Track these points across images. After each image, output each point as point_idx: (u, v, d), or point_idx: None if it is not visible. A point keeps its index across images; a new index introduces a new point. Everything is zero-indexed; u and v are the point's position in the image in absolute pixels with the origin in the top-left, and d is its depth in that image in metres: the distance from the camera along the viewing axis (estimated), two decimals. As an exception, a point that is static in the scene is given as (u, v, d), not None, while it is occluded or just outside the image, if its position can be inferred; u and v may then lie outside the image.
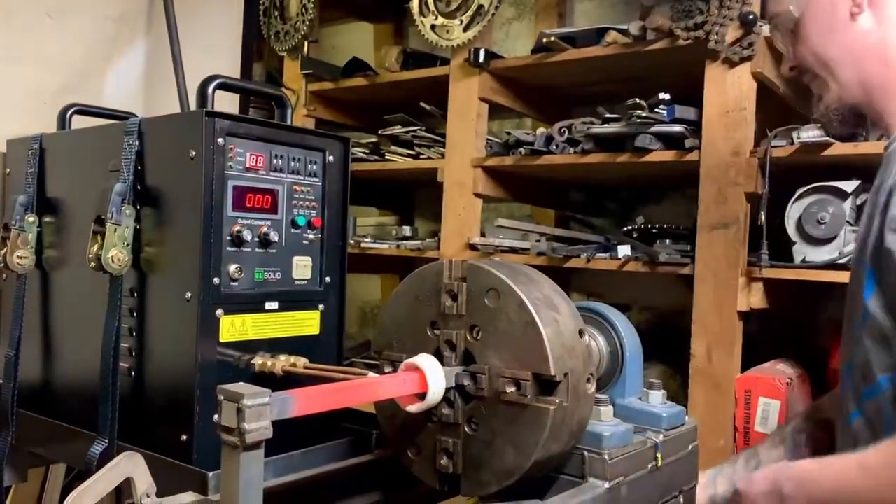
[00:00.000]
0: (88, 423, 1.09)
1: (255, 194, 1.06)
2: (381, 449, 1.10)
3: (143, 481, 0.79)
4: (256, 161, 1.06)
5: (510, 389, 0.88)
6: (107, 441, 1.06)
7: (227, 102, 1.60)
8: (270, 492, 0.96)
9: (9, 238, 1.23)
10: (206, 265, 1.00)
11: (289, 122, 1.19)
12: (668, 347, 1.94)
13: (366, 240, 2.25)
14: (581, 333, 0.94)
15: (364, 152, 2.28)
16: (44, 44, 1.46)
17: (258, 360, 1.05)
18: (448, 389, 0.93)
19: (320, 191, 1.15)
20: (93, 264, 1.06)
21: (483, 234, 2.10)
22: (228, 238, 1.03)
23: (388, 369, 1.01)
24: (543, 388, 0.88)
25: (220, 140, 1.01)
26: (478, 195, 2.05)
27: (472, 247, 2.04)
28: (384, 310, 1.04)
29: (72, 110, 1.34)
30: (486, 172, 2.05)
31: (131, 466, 0.77)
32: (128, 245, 1.06)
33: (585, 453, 0.98)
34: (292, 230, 1.11)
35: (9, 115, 1.39)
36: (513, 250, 2.01)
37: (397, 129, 2.22)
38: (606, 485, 0.96)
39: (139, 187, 1.08)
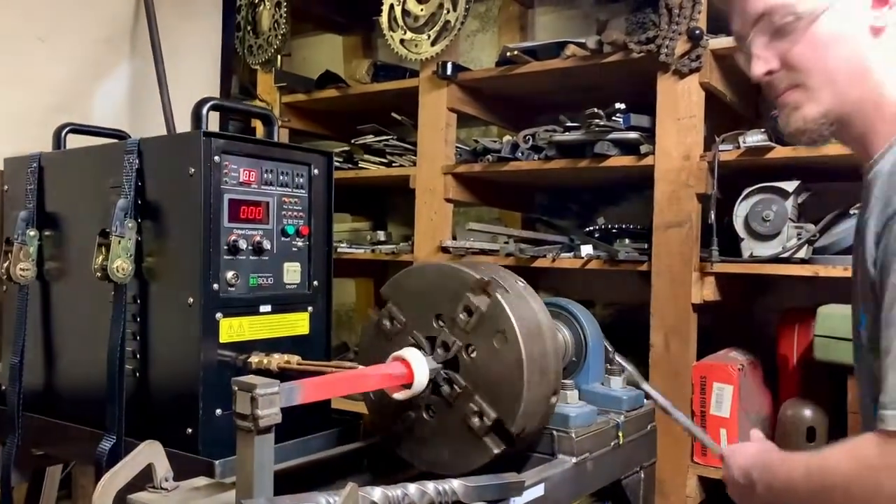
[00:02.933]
0: (95, 422, 1.18)
1: (248, 206, 1.16)
2: (368, 437, 1.20)
3: (163, 467, 0.88)
4: (249, 176, 1.16)
5: (473, 418, 0.99)
6: (115, 437, 1.14)
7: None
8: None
9: (11, 251, 1.31)
10: (206, 272, 1.09)
11: (275, 139, 1.28)
12: (630, 339, 2.07)
13: (341, 245, 2.34)
14: (554, 393, 1.04)
15: (338, 161, 2.37)
16: (35, 66, 1.53)
17: (254, 359, 1.15)
18: (437, 374, 1.03)
19: (307, 201, 1.25)
20: (98, 274, 1.14)
21: (454, 238, 2.21)
22: (225, 247, 1.13)
23: (385, 322, 1.08)
24: (501, 433, 0.99)
25: (216, 158, 1.11)
26: (448, 200, 2.16)
27: (444, 249, 2.14)
28: (407, 271, 1.10)
29: (66, 129, 1.42)
30: (456, 179, 2.15)
31: (152, 453, 0.86)
32: (130, 255, 1.15)
33: (554, 432, 1.10)
34: (282, 238, 1.21)
35: (3, 134, 1.46)
36: (483, 252, 2.11)
37: (370, 139, 2.32)
38: (574, 460, 1.08)
39: (139, 202, 1.17)
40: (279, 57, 2.46)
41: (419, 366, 0.99)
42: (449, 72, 2.11)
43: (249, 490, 0.80)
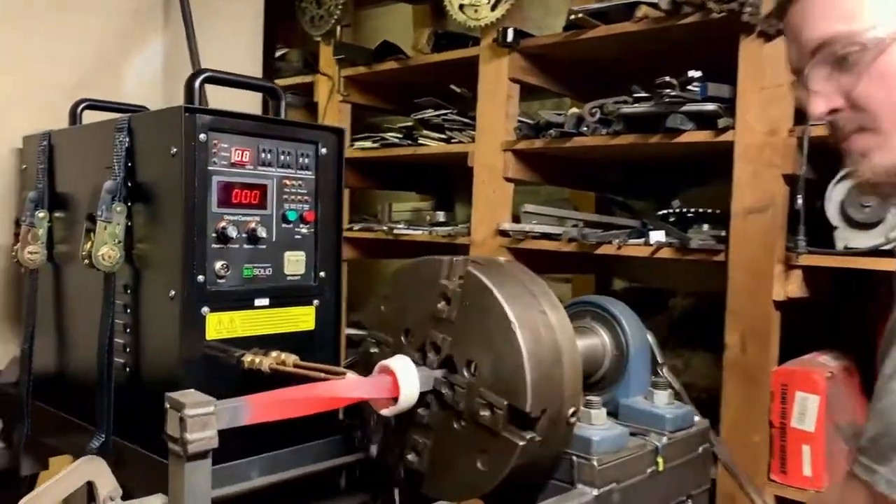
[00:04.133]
0: (91, 418, 1.10)
1: (241, 190, 1.05)
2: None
3: (106, 485, 0.79)
4: (242, 156, 1.05)
5: (484, 413, 0.85)
6: (103, 436, 1.07)
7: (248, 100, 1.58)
8: (252, 492, 0.96)
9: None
10: (188, 263, 0.99)
11: (282, 115, 1.17)
12: (713, 335, 1.85)
13: (399, 226, 2.23)
14: (575, 364, 0.89)
15: (397, 137, 2.25)
16: (60, 40, 1.48)
17: (248, 358, 1.04)
18: (426, 392, 0.90)
19: (313, 184, 1.13)
20: (86, 261, 1.06)
21: (518, 220, 2.05)
22: (214, 235, 1.02)
23: (373, 349, 0.99)
24: (518, 420, 0.84)
25: (201, 136, 1.00)
26: (508, 179, 2.00)
27: (503, 233, 1.99)
28: (383, 286, 1.01)
29: (82, 105, 1.36)
30: (517, 156, 1.99)
31: (91, 471, 0.77)
32: (119, 242, 1.06)
33: (574, 458, 0.94)
34: (283, 225, 1.10)
35: (26, 111, 1.41)
36: (545, 236, 1.95)
37: (428, 113, 2.18)
38: (595, 492, 0.92)
39: (130, 184, 1.08)
40: (339, 28, 2.35)
41: (406, 376, 0.86)
42: (510, 38, 1.94)
43: (180, 524, 0.69)
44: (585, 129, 1.84)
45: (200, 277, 1.00)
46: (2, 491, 1.40)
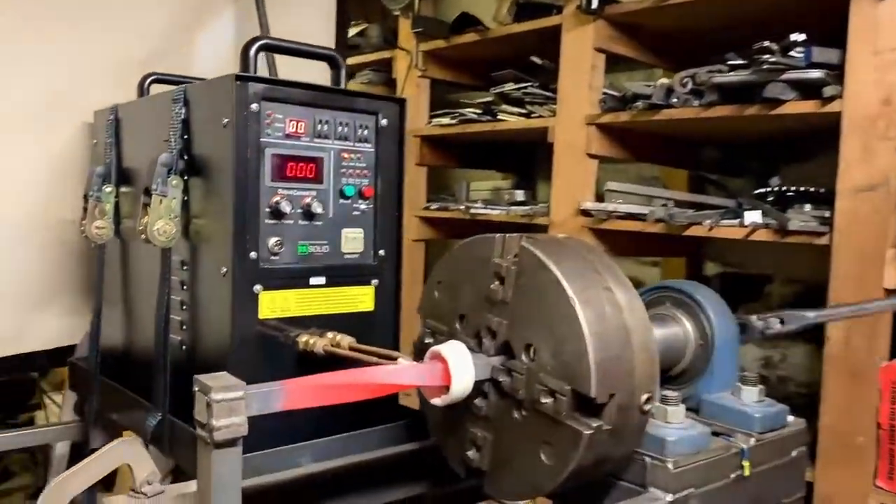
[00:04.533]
0: (151, 396, 1.09)
1: (296, 163, 1.00)
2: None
3: (144, 468, 0.76)
4: (297, 127, 1.00)
5: (546, 400, 0.77)
6: (160, 415, 1.05)
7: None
8: (303, 479, 0.91)
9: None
10: (240, 239, 0.95)
11: (342, 85, 1.11)
12: (813, 326, 1.70)
13: (476, 205, 2.16)
14: (647, 346, 0.80)
15: (476, 112, 2.17)
16: (132, 13, 1.47)
17: (302, 338, 1.00)
18: (483, 381, 0.83)
19: (372, 157, 1.07)
20: (143, 236, 1.04)
21: (601, 200, 1.94)
22: (267, 210, 0.98)
23: (427, 339, 0.93)
24: (583, 407, 0.75)
25: (253, 105, 0.95)
26: (591, 155, 1.89)
27: (585, 213, 1.89)
28: (433, 270, 0.95)
29: (150, 79, 1.34)
30: (601, 130, 1.88)
31: (128, 452, 0.74)
32: (175, 217, 1.04)
33: (647, 459, 0.85)
34: (340, 200, 1.04)
35: (98, 86, 1.41)
36: (630, 216, 1.83)
37: (508, 87, 2.09)
38: (669, 497, 0.83)
39: (186, 157, 1.05)
40: (418, 1, 2.28)
41: (459, 363, 0.79)
42: (595, 5, 1.83)
43: (208, 516, 0.65)
44: (675, 100, 1.71)
45: (253, 254, 0.96)
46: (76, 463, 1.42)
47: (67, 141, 1.44)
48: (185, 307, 1.06)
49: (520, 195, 2.19)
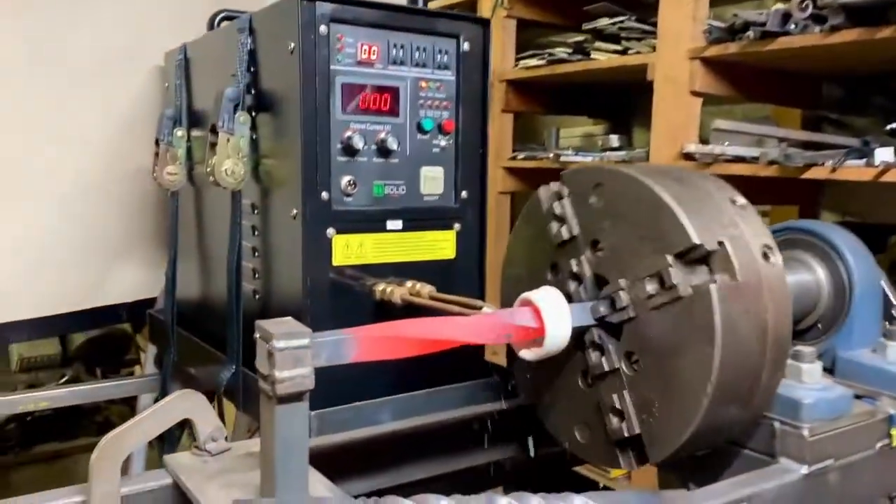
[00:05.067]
0: (222, 348, 1.04)
1: (369, 93, 0.91)
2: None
3: (207, 423, 0.69)
4: (370, 52, 0.90)
5: (652, 289, 0.66)
6: (233, 367, 1.00)
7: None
8: (381, 439, 0.84)
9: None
10: (310, 178, 0.87)
11: (419, 4, 1.00)
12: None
13: (566, 152, 2.02)
14: (767, 254, 0.68)
15: (566, 52, 2.02)
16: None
17: (380, 287, 0.91)
18: (588, 329, 0.73)
19: (453, 87, 0.96)
20: (212, 178, 0.97)
21: (703, 142, 1.77)
22: (339, 146, 0.89)
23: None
24: (692, 265, 0.66)
25: (321, 28, 0.86)
26: (695, 93, 1.71)
27: (688, 156, 1.72)
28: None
29: (220, 16, 1.27)
30: (706, 65, 1.70)
31: (188, 406, 0.67)
32: (244, 157, 0.96)
33: (776, 425, 0.73)
34: (419, 136, 0.94)
35: (169, 29, 1.35)
36: (738, 159, 1.66)
37: (602, 22, 1.93)
38: (804, 469, 0.71)
39: (254, 91, 0.97)
40: (503, -67, 2.13)
41: (553, 308, 0.68)
42: (698, -74, 1.64)
43: (271, 478, 0.57)
44: (793, 27, 1.51)
45: (325, 195, 0.88)
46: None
47: (140, 87, 1.39)
48: (257, 254, 1.00)
49: (614, 140, 2.03)
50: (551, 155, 2.07)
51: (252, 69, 0.96)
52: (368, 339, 0.59)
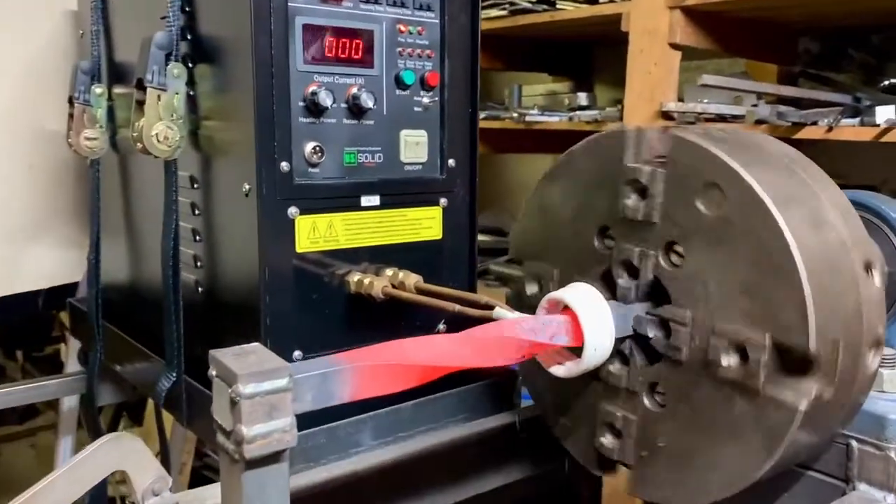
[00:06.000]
0: (162, 349, 0.86)
1: (338, 38, 0.73)
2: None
3: (146, 473, 0.52)
4: (338, -12, 0.72)
5: (729, 361, 0.52)
6: (174, 376, 0.82)
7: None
8: (369, 471, 0.68)
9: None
10: (265, 145, 0.69)
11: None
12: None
13: (532, 112, 1.87)
14: (868, 268, 0.54)
15: (530, 2, 1.86)
16: None
17: (354, 277, 0.75)
18: (623, 339, 0.58)
19: (437, 31, 0.79)
20: (139, 145, 0.79)
21: (681, 100, 1.64)
22: (301, 104, 0.71)
23: (531, 289, 0.68)
24: (789, 368, 0.50)
25: (277, -43, 0.68)
26: (675, 46, 1.58)
27: (666, 115, 1.59)
28: (530, 198, 0.70)
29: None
30: (687, 15, 1.56)
31: (119, 456, 0.50)
32: (179, 118, 0.78)
33: (854, 444, 0.60)
34: (397, 91, 0.77)
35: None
36: (720, 118, 1.54)
37: (571, -31, 1.77)
38: (891, 499, 0.58)
39: (190, 36, 0.78)
40: None
41: (594, 314, 0.54)
42: None
43: (238, 568, 0.41)
44: (782, -28, 1.39)
45: (284, 165, 0.71)
46: (87, 418, 1.21)
47: (50, 36, 1.17)
48: (198, 238, 0.82)
49: (583, 99, 1.89)
50: (515, 115, 1.92)
51: (187, 9, 0.77)
52: (368, 371, 0.43)
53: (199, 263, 0.82)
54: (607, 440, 0.59)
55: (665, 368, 0.56)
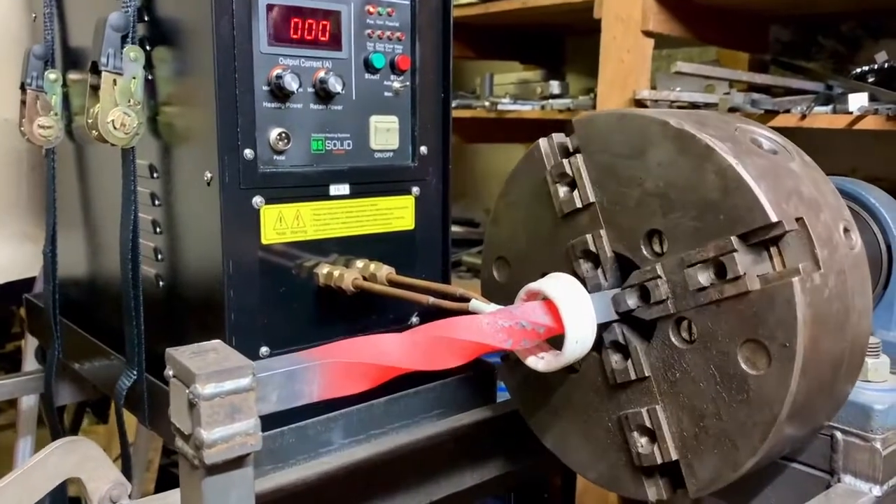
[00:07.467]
0: (121, 346, 0.82)
1: (303, 19, 0.70)
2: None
3: (101, 480, 0.49)
4: (303, -34, 0.69)
5: (705, 279, 0.51)
6: (135, 374, 0.78)
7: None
8: (340, 470, 0.65)
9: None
10: (228, 131, 0.66)
11: None
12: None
13: (503, 100, 1.84)
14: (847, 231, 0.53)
15: (501, -12, 1.83)
16: None
17: (323, 270, 0.72)
18: (607, 327, 0.56)
19: (408, 12, 0.76)
20: (94, 132, 0.75)
21: (654, 89, 1.63)
22: (265, 88, 0.68)
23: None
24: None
25: (238, -70, 0.64)
26: (648, 34, 1.57)
27: (639, 103, 1.58)
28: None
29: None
30: (659, 2, 1.55)
31: (71, 463, 0.47)
32: (136, 104, 0.74)
33: (838, 435, 0.59)
34: (367, 75, 0.74)
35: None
36: (693, 106, 1.53)
37: (542, -45, 1.75)
38: (877, 490, 0.57)
39: (147, 17, 0.74)
40: None
41: (574, 301, 0.51)
42: None
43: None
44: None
45: (248, 152, 0.67)
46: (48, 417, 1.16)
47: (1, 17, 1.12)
48: (159, 230, 0.78)
49: (555, 87, 1.87)
50: (487, 104, 1.89)
51: (144, -12, 0.74)
52: (339, 368, 0.41)
53: (159, 256, 0.78)
54: (644, 447, 0.56)
55: (661, 334, 0.54)
